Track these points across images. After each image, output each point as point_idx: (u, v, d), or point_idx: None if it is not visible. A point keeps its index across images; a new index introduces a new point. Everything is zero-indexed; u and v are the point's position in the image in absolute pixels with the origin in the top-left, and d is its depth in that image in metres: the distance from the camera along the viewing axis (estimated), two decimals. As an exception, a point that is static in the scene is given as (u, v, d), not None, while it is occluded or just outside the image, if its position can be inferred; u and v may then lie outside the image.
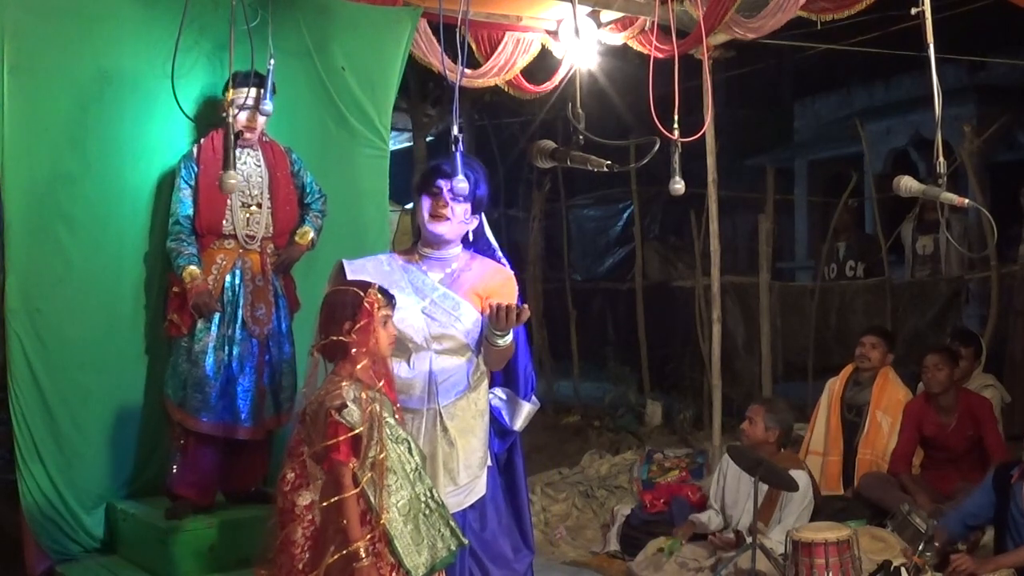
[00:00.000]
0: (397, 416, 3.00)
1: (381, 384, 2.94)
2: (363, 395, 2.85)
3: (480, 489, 3.35)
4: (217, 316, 4.31)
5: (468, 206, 3.34)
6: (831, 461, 5.81)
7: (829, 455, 5.83)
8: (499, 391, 3.50)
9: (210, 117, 4.50)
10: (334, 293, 3.01)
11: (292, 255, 4.54)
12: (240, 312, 4.34)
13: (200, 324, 4.29)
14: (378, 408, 2.87)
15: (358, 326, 2.90)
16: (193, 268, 4.27)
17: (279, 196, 4.48)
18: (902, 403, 5.73)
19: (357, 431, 2.80)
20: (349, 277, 3.19)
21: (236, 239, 4.38)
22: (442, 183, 3.29)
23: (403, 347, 3.19)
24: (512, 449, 3.56)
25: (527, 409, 3.51)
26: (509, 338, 3.22)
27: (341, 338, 2.89)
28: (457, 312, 3.28)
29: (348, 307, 2.93)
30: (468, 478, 3.31)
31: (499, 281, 3.38)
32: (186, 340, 4.33)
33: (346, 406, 2.81)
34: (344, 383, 2.86)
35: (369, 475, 2.81)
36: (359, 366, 2.90)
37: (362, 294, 2.93)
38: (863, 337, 5.99)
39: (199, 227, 4.35)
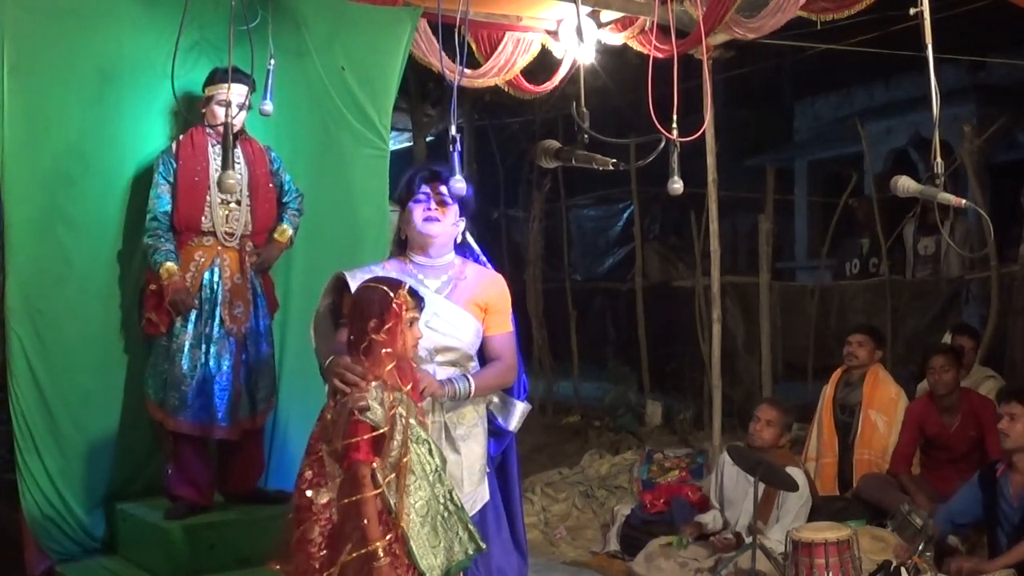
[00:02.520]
0: (420, 418, 2.99)
1: (409, 388, 2.93)
2: (388, 396, 2.84)
3: (484, 496, 3.34)
4: (194, 314, 4.28)
5: (456, 207, 3.33)
6: (826, 463, 5.82)
7: (824, 457, 5.84)
8: (493, 396, 3.47)
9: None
10: (363, 290, 2.98)
11: (271, 253, 4.53)
12: (218, 310, 4.32)
13: (178, 322, 4.27)
14: (403, 410, 2.86)
15: (386, 327, 2.88)
16: (170, 265, 4.25)
17: (258, 193, 4.46)
18: (895, 401, 5.74)
19: (380, 431, 2.80)
20: (352, 285, 3.14)
21: (215, 236, 4.36)
22: (428, 188, 3.29)
23: None
24: (507, 452, 3.54)
25: (521, 408, 3.49)
26: (463, 390, 3.19)
27: (373, 337, 2.87)
28: (459, 324, 3.27)
29: (375, 306, 2.90)
30: (472, 486, 3.30)
31: (496, 292, 3.38)
32: (164, 339, 4.31)
33: (369, 408, 2.80)
34: (371, 384, 2.84)
35: (391, 476, 2.80)
36: (386, 368, 2.87)
37: (391, 294, 2.91)
38: (850, 336, 6.01)
39: (177, 223, 4.32)
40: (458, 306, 3.29)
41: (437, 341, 3.22)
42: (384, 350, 2.88)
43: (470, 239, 3.53)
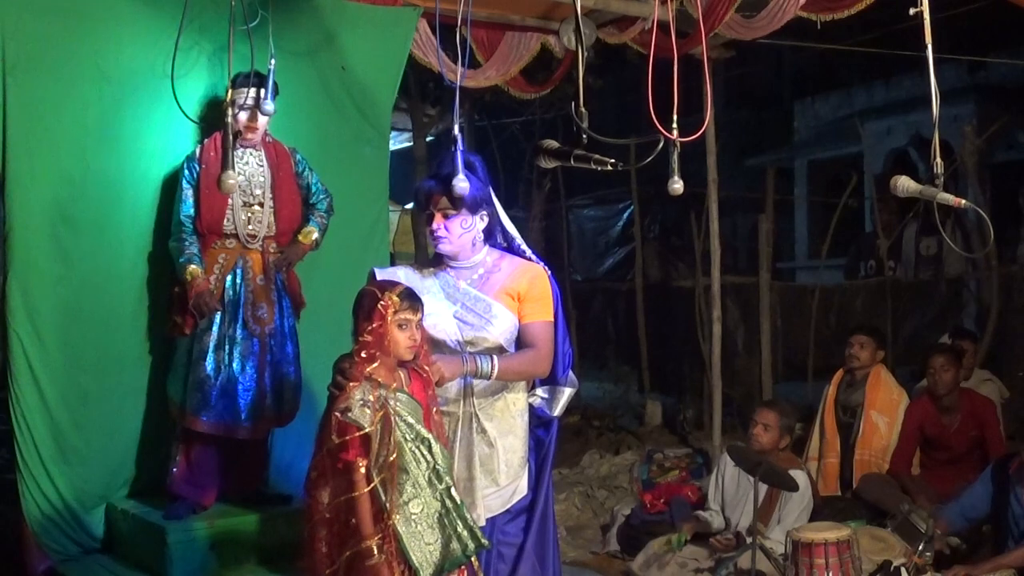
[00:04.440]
0: (436, 416, 3.04)
1: (395, 385, 2.95)
2: (373, 396, 2.87)
3: (522, 489, 3.31)
4: (218, 316, 4.29)
5: (463, 216, 3.24)
6: (829, 463, 5.82)
7: (826, 457, 5.84)
8: (540, 391, 3.43)
9: (210, 117, 4.49)
10: (359, 293, 3.06)
11: (293, 253, 4.54)
12: (241, 312, 4.33)
13: (201, 324, 4.28)
14: (392, 407, 2.89)
15: (371, 327, 2.93)
16: (194, 267, 4.27)
17: (281, 196, 4.47)
18: (897, 402, 5.73)
19: (366, 431, 2.84)
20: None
21: (237, 238, 4.38)
22: (431, 205, 3.23)
23: (438, 351, 3.16)
24: (548, 449, 3.45)
25: (567, 394, 3.43)
26: (485, 368, 3.15)
27: (360, 338, 2.94)
28: (489, 314, 3.23)
29: (365, 308, 2.97)
30: (509, 479, 3.28)
31: (528, 279, 3.31)
32: (188, 340, 4.32)
33: (350, 410, 2.84)
34: (353, 384, 2.88)
35: (381, 476, 2.84)
36: (371, 367, 2.92)
37: (379, 296, 2.96)
38: (851, 337, 5.98)
39: (200, 227, 4.34)
40: (488, 296, 3.26)
41: (467, 333, 3.22)
42: (371, 351, 2.93)
43: (507, 223, 3.45)
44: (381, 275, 3.25)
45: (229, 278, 4.34)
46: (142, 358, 4.60)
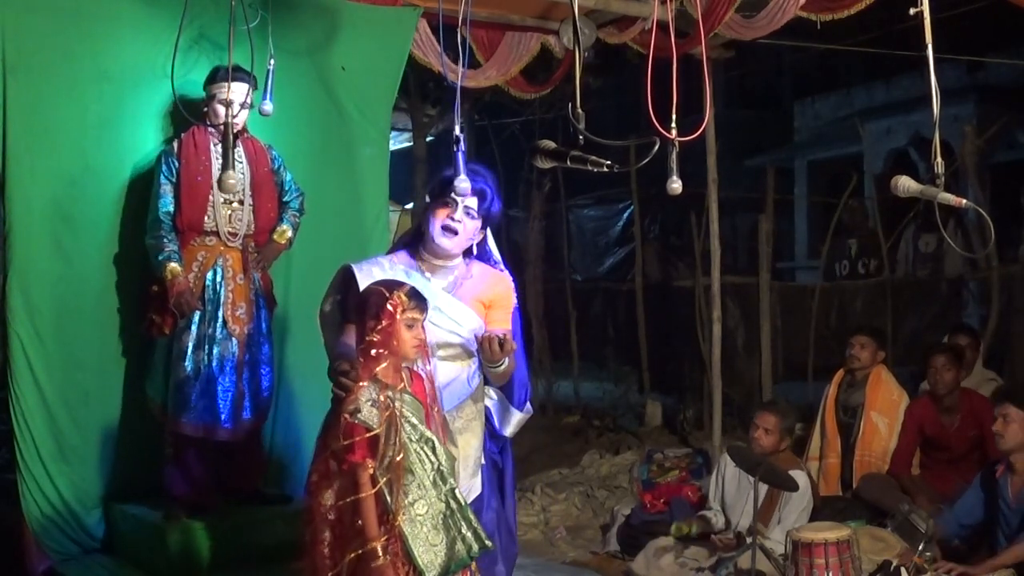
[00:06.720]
0: (437, 416, 3.04)
1: (402, 385, 2.95)
2: (381, 396, 2.87)
3: (477, 488, 3.38)
4: (197, 315, 4.24)
5: (479, 223, 3.33)
6: (830, 464, 5.81)
7: (827, 458, 5.83)
8: (491, 391, 3.50)
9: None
10: (366, 291, 3.03)
11: (269, 254, 4.51)
12: (221, 311, 4.28)
13: (180, 324, 4.23)
14: (399, 408, 2.88)
15: (380, 326, 2.92)
16: (174, 265, 4.21)
17: (261, 193, 4.43)
18: (897, 403, 5.73)
19: (374, 432, 2.83)
20: (359, 280, 3.15)
21: (218, 236, 4.32)
22: (459, 198, 3.25)
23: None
24: (503, 451, 3.58)
25: (518, 417, 3.53)
26: (505, 362, 3.23)
27: (368, 338, 2.92)
28: (461, 319, 3.28)
29: (373, 307, 2.95)
30: (467, 477, 3.34)
31: (500, 290, 3.39)
32: (167, 340, 4.28)
33: (359, 411, 2.84)
34: (362, 385, 2.87)
35: (387, 477, 2.83)
36: (380, 367, 2.91)
37: (387, 295, 2.95)
38: (852, 337, 5.98)
39: (180, 224, 4.28)
40: (462, 302, 3.30)
41: (439, 336, 3.24)
42: (378, 350, 2.91)
43: (490, 241, 3.53)
44: (359, 271, 3.23)
45: (209, 276, 4.29)
46: (142, 358, 4.59)
